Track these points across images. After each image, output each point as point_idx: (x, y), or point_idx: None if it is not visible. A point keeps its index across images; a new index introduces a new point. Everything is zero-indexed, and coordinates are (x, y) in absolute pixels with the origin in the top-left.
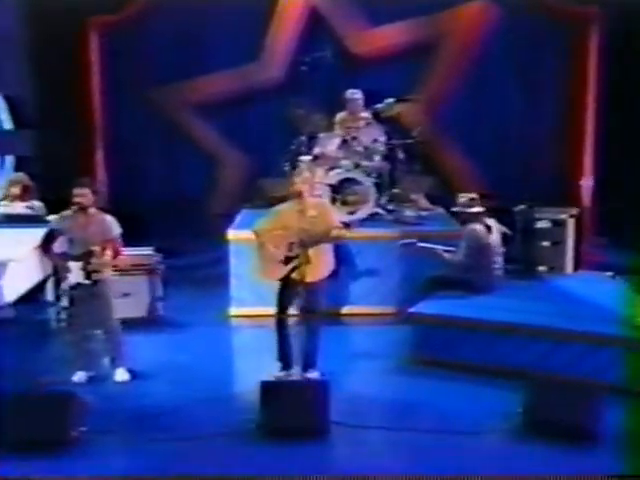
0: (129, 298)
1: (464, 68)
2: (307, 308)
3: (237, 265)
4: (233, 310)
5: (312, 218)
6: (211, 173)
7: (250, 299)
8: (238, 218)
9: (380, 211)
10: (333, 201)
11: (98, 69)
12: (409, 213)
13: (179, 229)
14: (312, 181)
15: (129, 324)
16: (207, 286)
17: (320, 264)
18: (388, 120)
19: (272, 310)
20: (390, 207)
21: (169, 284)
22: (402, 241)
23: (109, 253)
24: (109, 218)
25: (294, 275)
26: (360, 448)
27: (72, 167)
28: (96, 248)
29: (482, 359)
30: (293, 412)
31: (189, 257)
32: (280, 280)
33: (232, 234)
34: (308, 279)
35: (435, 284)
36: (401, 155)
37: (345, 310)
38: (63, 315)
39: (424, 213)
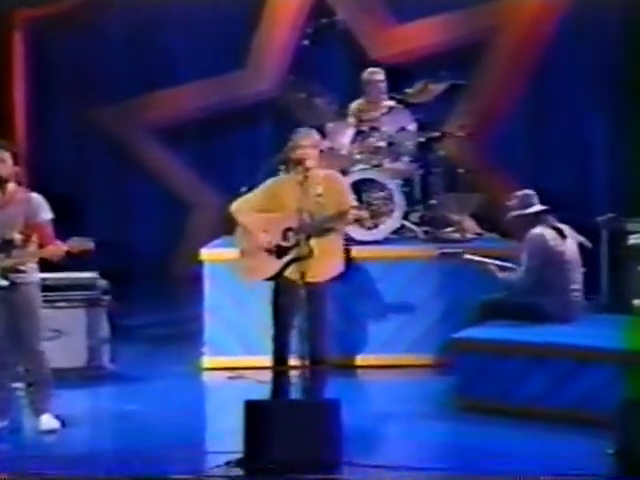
0: (59, 339)
1: (522, 75)
2: (309, 316)
3: (213, 295)
4: (207, 360)
5: (318, 197)
6: (175, 219)
7: (231, 344)
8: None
9: (409, 224)
10: None
11: (22, 82)
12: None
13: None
14: (322, 145)
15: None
16: (176, 326)
17: (326, 259)
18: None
19: (263, 360)
20: (424, 229)
21: (120, 323)
22: (442, 250)
23: (35, 243)
24: (36, 197)
25: (290, 273)
26: None
27: None
28: (16, 236)
29: (552, 398)
30: None
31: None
32: (272, 280)
33: (206, 253)
34: (310, 278)
35: (488, 312)
36: (438, 153)
37: (362, 360)
38: None
39: (470, 235)
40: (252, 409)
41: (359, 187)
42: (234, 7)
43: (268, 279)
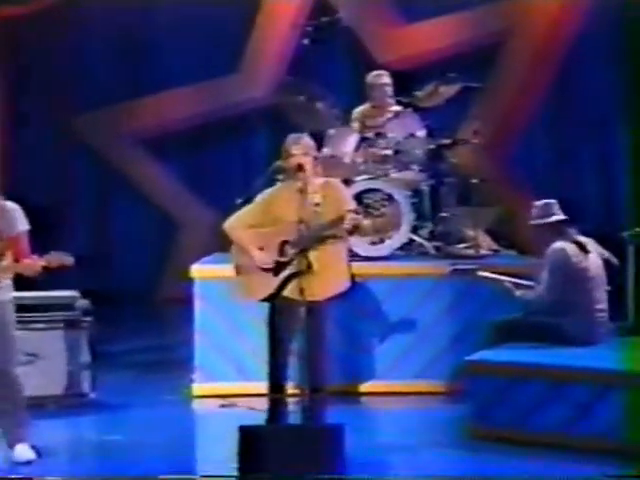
0: (35, 364)
1: (542, 78)
2: (309, 338)
3: (204, 315)
4: (198, 387)
5: (315, 206)
6: (163, 236)
7: (223, 369)
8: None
9: (418, 239)
10: None
11: None
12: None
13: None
14: (315, 152)
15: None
16: (163, 351)
17: (327, 274)
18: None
19: (259, 386)
20: (434, 244)
21: (102, 347)
22: (454, 266)
23: (9, 257)
24: (11, 206)
25: (289, 292)
26: None
27: None
28: None
29: (575, 425)
30: None
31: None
32: (269, 300)
33: (198, 269)
34: (310, 296)
35: (504, 334)
36: (450, 162)
37: (367, 386)
38: None
39: (486, 252)
40: (247, 435)
41: (363, 198)
42: (227, 4)
43: (265, 299)
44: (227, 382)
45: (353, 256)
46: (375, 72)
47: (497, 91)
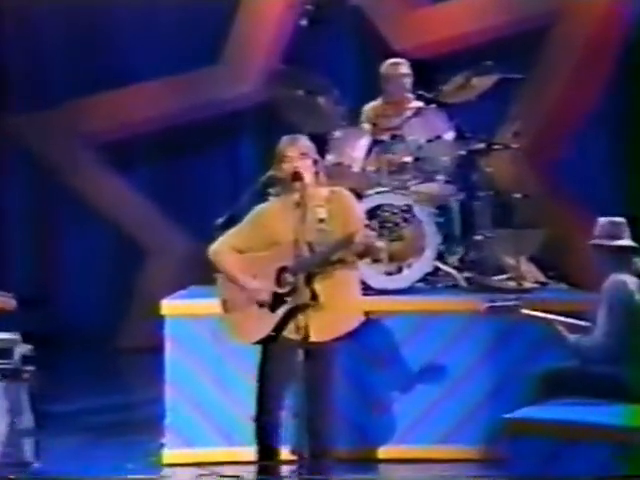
0: None
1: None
2: (309, 390)
3: (176, 362)
4: (169, 454)
5: (320, 222)
6: (125, 267)
7: (201, 430)
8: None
9: (445, 268)
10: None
11: None
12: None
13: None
14: (315, 155)
15: None
16: (126, 410)
17: (336, 307)
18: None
19: (246, 451)
20: (466, 274)
21: (50, 405)
22: (490, 303)
23: None
24: None
25: (289, 332)
26: None
27: None
28: None
29: None
30: None
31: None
32: (266, 342)
33: (169, 306)
34: (314, 336)
35: (553, 386)
36: (485, 171)
37: (382, 452)
38: None
39: (530, 285)
40: None
41: (377, 216)
42: None
43: (261, 342)
44: (206, 447)
45: (364, 289)
46: (392, 60)
47: (542, 84)
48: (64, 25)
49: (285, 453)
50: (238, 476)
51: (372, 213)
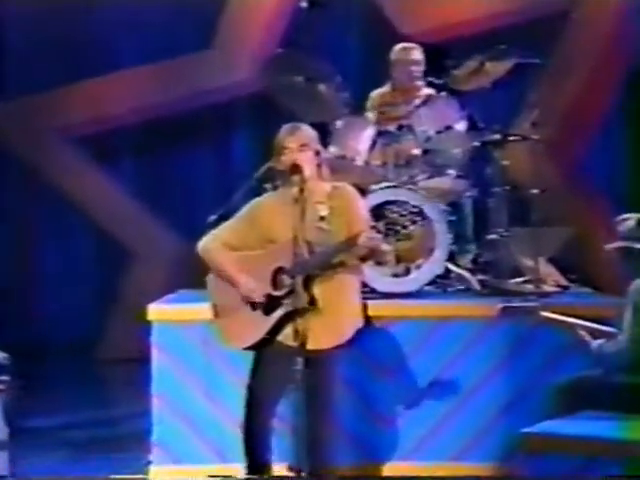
0: None
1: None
2: (308, 401)
3: (164, 372)
4: (156, 471)
5: (320, 220)
6: (109, 271)
7: (191, 446)
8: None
9: (457, 270)
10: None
11: None
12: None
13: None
14: (317, 145)
15: None
16: (110, 424)
17: (336, 313)
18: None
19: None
20: (479, 277)
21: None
22: (506, 304)
23: None
24: None
25: (283, 337)
26: None
27: None
28: None
29: None
30: None
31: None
32: (259, 348)
33: (156, 311)
34: (312, 343)
35: (574, 398)
36: (500, 165)
37: (387, 468)
38: None
39: (550, 289)
40: None
41: (382, 213)
42: None
43: (253, 347)
44: (197, 464)
45: (368, 292)
46: (403, 45)
47: (563, 70)
48: (39, 11)
49: (282, 469)
50: None
51: (377, 211)
